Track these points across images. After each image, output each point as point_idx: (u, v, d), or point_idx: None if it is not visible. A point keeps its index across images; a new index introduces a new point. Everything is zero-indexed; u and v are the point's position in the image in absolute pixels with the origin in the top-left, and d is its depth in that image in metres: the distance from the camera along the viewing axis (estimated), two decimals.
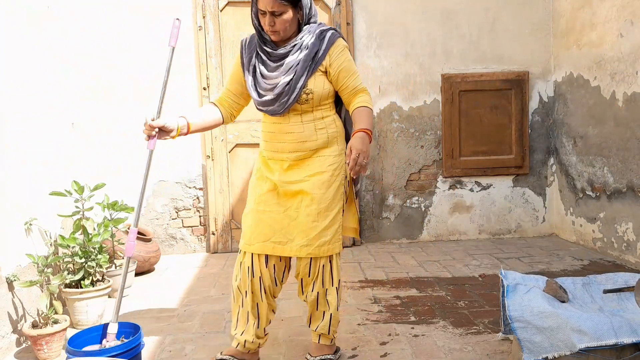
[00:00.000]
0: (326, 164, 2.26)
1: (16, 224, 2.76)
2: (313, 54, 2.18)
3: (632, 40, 3.70)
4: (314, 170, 2.25)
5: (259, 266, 2.26)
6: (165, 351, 2.59)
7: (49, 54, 3.24)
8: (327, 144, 2.28)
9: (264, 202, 2.27)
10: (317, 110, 2.26)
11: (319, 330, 2.35)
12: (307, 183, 2.23)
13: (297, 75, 2.16)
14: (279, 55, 2.19)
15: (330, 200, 2.24)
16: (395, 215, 4.76)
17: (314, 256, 2.23)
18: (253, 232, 2.25)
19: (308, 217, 2.22)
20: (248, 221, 2.30)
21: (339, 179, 2.28)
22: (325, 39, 2.20)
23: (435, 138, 4.72)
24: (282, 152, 2.27)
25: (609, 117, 3.98)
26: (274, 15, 2.10)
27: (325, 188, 2.24)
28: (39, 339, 2.51)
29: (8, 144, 2.72)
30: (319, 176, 2.24)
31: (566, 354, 1.99)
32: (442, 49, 4.67)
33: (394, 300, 3.22)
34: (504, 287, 2.31)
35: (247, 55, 2.28)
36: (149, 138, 2.15)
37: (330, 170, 2.26)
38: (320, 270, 2.27)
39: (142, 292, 3.57)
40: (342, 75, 2.23)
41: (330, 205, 2.24)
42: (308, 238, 2.21)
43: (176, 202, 4.58)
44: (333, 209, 2.25)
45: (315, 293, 2.29)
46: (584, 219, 4.37)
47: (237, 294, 2.31)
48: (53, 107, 3.25)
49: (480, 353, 2.45)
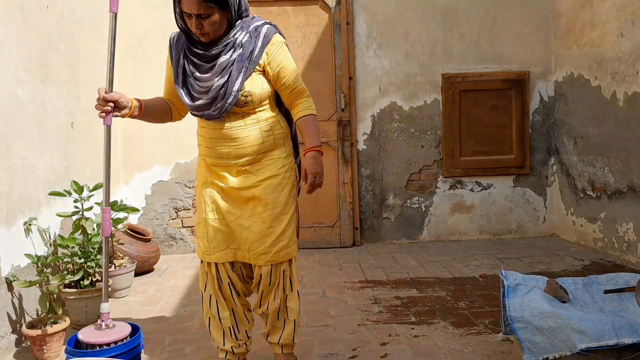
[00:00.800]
0: (277, 166, 2.15)
1: (16, 224, 2.76)
2: (248, 53, 2.03)
3: (632, 40, 3.69)
4: (266, 174, 2.13)
5: (225, 272, 2.17)
6: (165, 351, 2.59)
7: (50, 53, 3.24)
8: (275, 145, 2.16)
9: (214, 211, 2.15)
10: (260, 112, 2.13)
11: (282, 341, 2.26)
12: (259, 188, 2.12)
13: (232, 77, 2.01)
14: (210, 56, 2.03)
15: (284, 203, 2.15)
16: (395, 215, 4.75)
17: (275, 262, 2.14)
18: (211, 241, 2.15)
19: (263, 223, 2.11)
20: (202, 231, 2.18)
21: (291, 181, 2.19)
22: (261, 35, 2.05)
23: (436, 138, 4.71)
24: (227, 159, 2.12)
25: (610, 117, 3.97)
26: (200, 17, 1.94)
27: (279, 192, 2.14)
28: (39, 339, 2.51)
29: (9, 144, 2.71)
30: (271, 180, 2.13)
31: (567, 354, 1.98)
32: (442, 49, 4.67)
33: (394, 300, 3.22)
34: (505, 287, 2.31)
35: (175, 54, 2.11)
36: (105, 113, 1.98)
37: (282, 172, 2.16)
38: (281, 276, 2.18)
39: (142, 292, 3.57)
40: (281, 75, 2.09)
41: (284, 209, 2.15)
42: (265, 245, 2.11)
43: (176, 202, 4.58)
44: (288, 212, 2.16)
45: (278, 301, 2.20)
46: (584, 219, 4.36)
47: (207, 306, 2.22)
48: (53, 107, 3.25)
49: (481, 353, 2.45)
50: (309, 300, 3.27)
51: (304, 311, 3.07)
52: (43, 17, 3.19)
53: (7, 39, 2.76)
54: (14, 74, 2.82)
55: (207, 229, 2.16)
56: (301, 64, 4.57)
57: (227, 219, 2.14)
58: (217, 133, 2.11)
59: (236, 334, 2.24)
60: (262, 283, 2.18)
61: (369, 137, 4.68)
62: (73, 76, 3.58)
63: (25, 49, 2.95)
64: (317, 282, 3.65)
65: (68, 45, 3.53)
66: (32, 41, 3.03)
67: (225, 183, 2.14)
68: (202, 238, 2.18)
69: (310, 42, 4.57)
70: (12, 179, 2.73)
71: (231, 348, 2.23)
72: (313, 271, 3.92)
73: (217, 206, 2.15)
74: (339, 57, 4.55)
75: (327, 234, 4.67)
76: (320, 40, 4.56)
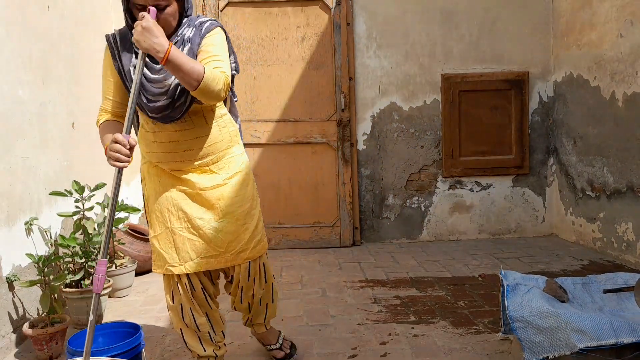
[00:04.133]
0: (238, 163, 2.14)
1: (17, 223, 2.76)
2: (196, 46, 1.96)
3: (632, 40, 3.70)
4: (230, 172, 2.10)
5: (197, 279, 2.12)
6: (165, 351, 2.59)
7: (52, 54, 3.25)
8: (231, 142, 2.14)
9: (180, 219, 2.06)
10: (216, 107, 2.08)
11: (267, 319, 2.36)
12: (226, 187, 2.08)
13: None
14: None
15: (251, 198, 2.15)
16: (395, 215, 4.76)
17: (253, 258, 2.15)
18: (179, 252, 2.06)
19: (238, 221, 2.09)
20: (165, 242, 2.07)
21: (252, 176, 2.21)
22: (203, 29, 1.98)
23: (435, 138, 4.72)
24: (190, 160, 2.04)
25: (609, 117, 3.98)
26: (157, 9, 1.85)
27: (245, 187, 2.13)
28: (39, 338, 2.52)
29: (10, 144, 2.72)
30: (237, 177, 2.11)
31: (566, 353, 1.99)
32: (442, 49, 4.68)
33: (394, 300, 3.23)
34: (504, 287, 2.32)
35: (122, 56, 1.97)
36: (124, 162, 1.80)
37: (243, 169, 2.15)
38: (260, 269, 2.21)
39: (143, 291, 3.57)
40: (203, 48, 1.95)
41: (253, 204, 2.16)
42: (242, 243, 2.09)
43: None
44: (256, 206, 2.17)
45: (262, 291, 2.25)
46: (583, 218, 4.37)
47: (179, 317, 2.15)
48: (54, 107, 3.26)
49: (480, 353, 2.46)
50: (309, 299, 3.28)
51: (304, 310, 3.08)
52: (44, 18, 3.20)
53: (8, 40, 2.77)
54: (15, 74, 2.83)
55: (173, 238, 2.06)
56: (301, 64, 4.58)
57: (196, 225, 2.06)
58: (177, 135, 2.01)
59: (214, 337, 2.22)
60: (242, 279, 2.18)
61: (369, 137, 4.69)
62: (74, 76, 3.59)
63: (26, 49, 2.96)
64: (317, 281, 3.65)
65: (69, 45, 3.54)
66: (33, 42, 3.04)
67: (190, 187, 2.06)
68: (167, 249, 2.07)
69: (310, 43, 4.57)
70: (13, 179, 2.74)
71: (213, 351, 2.22)
72: (313, 271, 3.93)
73: (185, 214, 2.06)
74: (339, 58, 4.56)
75: (327, 234, 4.67)
76: (320, 40, 4.57)
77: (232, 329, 2.83)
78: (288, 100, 4.60)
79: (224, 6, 4.49)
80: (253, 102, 4.59)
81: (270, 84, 4.59)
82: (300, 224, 4.67)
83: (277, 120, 4.60)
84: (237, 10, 4.53)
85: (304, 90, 4.60)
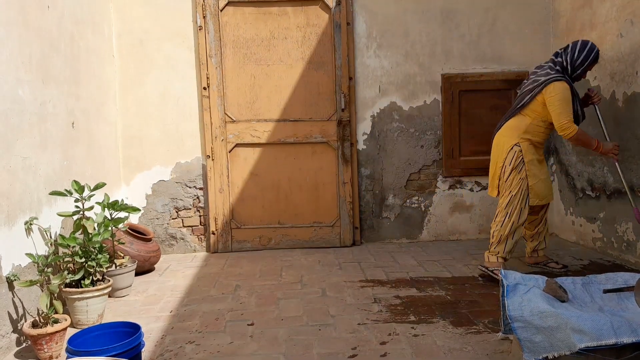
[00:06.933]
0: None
1: (17, 223, 2.76)
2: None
3: (632, 40, 3.70)
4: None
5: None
6: (165, 351, 2.60)
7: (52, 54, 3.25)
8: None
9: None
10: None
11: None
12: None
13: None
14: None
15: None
16: (395, 215, 4.76)
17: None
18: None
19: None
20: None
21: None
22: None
23: (435, 138, 4.72)
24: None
25: (609, 117, 3.98)
26: None
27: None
28: (39, 338, 2.51)
29: (10, 144, 2.72)
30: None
31: (566, 353, 1.99)
32: (442, 49, 4.68)
33: (394, 300, 3.23)
34: (504, 286, 2.32)
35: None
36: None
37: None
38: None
39: (143, 291, 3.57)
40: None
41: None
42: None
43: (176, 201, 4.59)
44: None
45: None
46: (583, 218, 4.37)
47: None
48: (54, 107, 3.26)
49: (480, 353, 2.46)
50: (309, 299, 3.28)
51: (304, 310, 3.08)
52: (44, 18, 3.20)
53: (8, 39, 2.77)
54: (15, 74, 2.83)
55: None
56: (301, 64, 4.58)
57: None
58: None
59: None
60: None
61: (369, 137, 4.69)
62: (74, 76, 3.59)
63: (26, 49, 2.96)
64: (317, 281, 3.65)
65: (69, 45, 3.54)
66: (33, 41, 3.04)
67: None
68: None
69: (310, 42, 4.57)
70: (13, 179, 2.74)
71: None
72: (313, 270, 3.93)
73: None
74: (339, 57, 4.56)
75: (327, 234, 4.67)
76: (320, 40, 4.57)
77: (232, 328, 2.84)
78: (288, 100, 4.60)
79: (224, 6, 4.49)
80: (253, 101, 4.59)
81: (270, 83, 4.59)
82: (300, 223, 4.67)
83: (277, 120, 4.60)
84: (237, 10, 4.53)
85: (304, 90, 4.60)
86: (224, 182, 4.59)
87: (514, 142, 3.54)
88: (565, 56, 3.50)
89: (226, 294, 3.44)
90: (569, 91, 3.40)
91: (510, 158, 3.55)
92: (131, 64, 4.50)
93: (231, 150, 4.59)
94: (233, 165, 4.61)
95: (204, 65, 4.51)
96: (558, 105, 3.36)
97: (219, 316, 3.04)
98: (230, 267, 4.10)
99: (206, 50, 4.50)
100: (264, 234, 4.65)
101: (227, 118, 4.57)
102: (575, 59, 3.46)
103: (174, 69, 4.53)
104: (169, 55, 4.52)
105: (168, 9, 4.50)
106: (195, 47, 4.52)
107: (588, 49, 3.45)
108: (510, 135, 3.58)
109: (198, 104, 4.56)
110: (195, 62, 4.53)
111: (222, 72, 4.53)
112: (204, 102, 4.53)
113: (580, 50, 3.46)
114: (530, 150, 3.54)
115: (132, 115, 4.51)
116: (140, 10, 4.48)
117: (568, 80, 3.45)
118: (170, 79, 4.53)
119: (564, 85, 3.38)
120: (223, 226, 4.60)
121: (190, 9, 4.49)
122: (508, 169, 3.57)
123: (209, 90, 4.53)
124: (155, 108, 4.54)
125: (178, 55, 4.53)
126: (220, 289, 3.55)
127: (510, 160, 3.55)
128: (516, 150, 3.53)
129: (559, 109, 3.37)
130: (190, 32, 4.51)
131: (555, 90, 3.37)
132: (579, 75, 3.51)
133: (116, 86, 4.48)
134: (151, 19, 4.48)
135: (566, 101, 3.37)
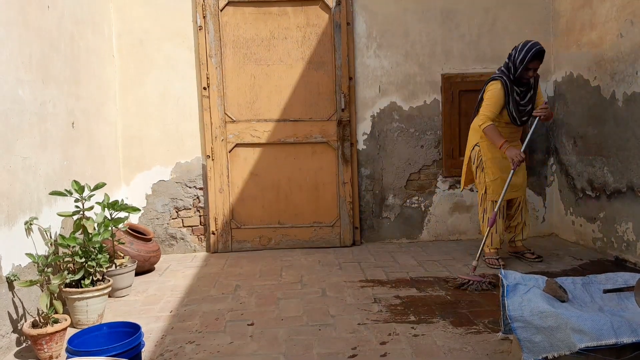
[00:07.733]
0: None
1: (17, 223, 2.76)
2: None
3: (632, 40, 3.70)
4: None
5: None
6: (165, 351, 2.60)
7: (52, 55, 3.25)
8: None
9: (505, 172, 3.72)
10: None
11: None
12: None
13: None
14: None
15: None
16: (395, 215, 4.76)
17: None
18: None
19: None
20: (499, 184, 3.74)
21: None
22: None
23: (435, 138, 4.72)
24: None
25: (609, 117, 3.98)
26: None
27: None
28: (39, 338, 2.51)
29: (10, 144, 2.72)
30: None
31: (566, 353, 1.99)
32: (442, 49, 4.68)
33: (394, 299, 3.23)
34: (504, 286, 2.32)
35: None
36: None
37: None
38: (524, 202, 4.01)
39: (143, 291, 3.57)
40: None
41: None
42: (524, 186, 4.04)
43: (176, 201, 4.59)
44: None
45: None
46: (583, 218, 4.37)
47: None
48: (54, 107, 3.26)
49: (480, 353, 2.46)
50: (309, 299, 3.28)
51: (304, 310, 3.08)
52: (44, 18, 3.20)
53: (8, 39, 2.77)
54: (15, 74, 2.83)
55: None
56: (301, 64, 4.58)
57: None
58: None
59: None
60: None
61: (369, 137, 4.69)
62: (74, 76, 3.59)
63: (26, 49, 2.96)
64: (317, 281, 3.65)
65: (68, 45, 3.54)
66: (33, 41, 3.04)
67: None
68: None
69: (310, 42, 4.57)
70: (13, 179, 2.74)
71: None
72: (313, 270, 3.93)
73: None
74: (339, 57, 4.56)
75: (327, 234, 4.67)
76: (320, 40, 4.57)
77: (232, 328, 2.84)
78: (288, 100, 4.60)
79: (224, 6, 4.49)
80: (253, 101, 4.59)
81: (270, 83, 4.59)
82: (300, 223, 4.67)
83: (277, 120, 4.60)
84: (237, 10, 4.53)
85: (304, 90, 4.60)
86: (224, 182, 4.59)
87: (475, 142, 3.85)
88: (511, 56, 3.69)
89: (226, 294, 3.44)
90: (500, 91, 3.67)
91: (474, 157, 3.87)
92: (131, 64, 4.50)
93: (231, 150, 4.59)
94: (233, 165, 4.61)
95: (204, 65, 4.51)
96: (485, 101, 3.72)
97: (219, 316, 3.04)
98: (230, 267, 4.10)
99: (206, 50, 4.50)
100: (264, 234, 4.65)
101: (227, 118, 4.57)
102: (515, 58, 3.64)
103: (174, 69, 4.53)
104: (169, 55, 4.52)
105: (168, 9, 4.50)
106: (195, 47, 4.52)
107: (527, 48, 3.59)
108: (473, 135, 3.89)
109: (198, 104, 4.56)
110: (195, 62, 4.53)
111: (222, 72, 4.53)
112: (204, 102, 4.53)
113: (520, 50, 3.63)
114: (490, 149, 3.78)
115: (132, 115, 4.51)
116: (140, 10, 4.48)
117: (504, 80, 3.67)
118: (170, 79, 4.53)
119: (496, 85, 3.69)
120: (223, 226, 4.60)
121: (190, 9, 4.49)
122: (473, 168, 3.89)
123: (209, 90, 4.53)
124: (155, 108, 4.54)
125: (178, 55, 4.53)
126: (220, 289, 3.55)
127: (474, 159, 3.87)
128: (477, 150, 3.83)
129: (485, 103, 3.72)
130: (190, 32, 4.51)
131: (488, 88, 3.73)
132: (520, 74, 3.64)
133: (116, 86, 4.48)
134: (151, 19, 4.48)
135: (494, 99, 3.67)
